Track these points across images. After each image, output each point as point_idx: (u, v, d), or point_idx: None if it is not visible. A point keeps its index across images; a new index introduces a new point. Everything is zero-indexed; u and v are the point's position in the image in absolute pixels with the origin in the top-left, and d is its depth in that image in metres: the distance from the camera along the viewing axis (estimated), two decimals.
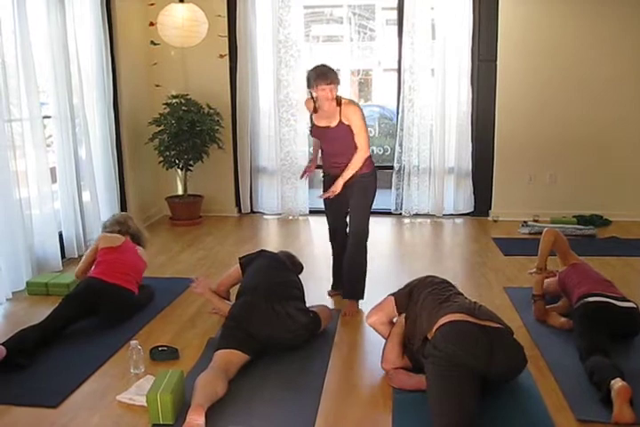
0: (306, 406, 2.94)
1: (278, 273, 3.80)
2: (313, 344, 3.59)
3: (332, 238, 4.48)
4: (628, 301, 3.63)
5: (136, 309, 4.09)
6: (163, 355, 3.40)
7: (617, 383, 2.82)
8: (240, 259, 4.03)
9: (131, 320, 3.96)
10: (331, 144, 4.19)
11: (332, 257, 4.51)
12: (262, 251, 4.08)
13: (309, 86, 4.07)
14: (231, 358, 3.16)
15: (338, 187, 4.07)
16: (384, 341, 3.36)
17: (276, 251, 4.22)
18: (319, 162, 4.46)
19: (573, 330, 3.55)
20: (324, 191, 4.30)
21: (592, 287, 3.67)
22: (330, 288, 4.52)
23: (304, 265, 4.27)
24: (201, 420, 2.61)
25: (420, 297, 3.24)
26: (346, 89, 8.88)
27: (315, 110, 4.19)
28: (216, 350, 3.22)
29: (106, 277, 3.99)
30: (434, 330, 2.94)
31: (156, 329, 3.87)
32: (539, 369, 3.29)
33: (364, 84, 9.24)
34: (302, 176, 4.53)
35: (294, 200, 6.92)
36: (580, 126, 6.58)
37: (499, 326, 2.96)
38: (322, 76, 3.97)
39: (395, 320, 3.38)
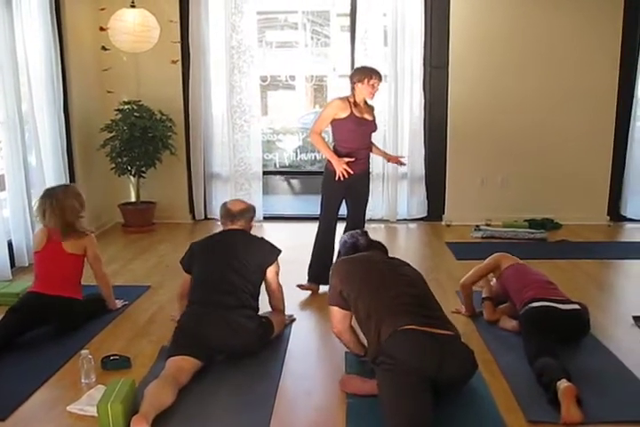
0: (260, 411, 2.93)
1: (223, 273, 3.59)
2: (267, 350, 3.58)
3: (330, 229, 4.75)
4: (572, 303, 3.70)
5: (84, 316, 3.99)
6: (114, 364, 3.35)
7: (563, 384, 2.87)
8: (181, 263, 3.83)
9: (82, 329, 3.89)
10: (362, 137, 4.65)
11: (318, 249, 4.76)
12: (192, 245, 3.85)
13: (358, 81, 4.54)
14: (182, 364, 3.14)
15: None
16: (338, 346, 3.37)
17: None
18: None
19: (521, 334, 3.62)
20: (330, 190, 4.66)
21: (535, 293, 3.71)
22: (307, 282, 4.68)
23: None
24: None
25: (356, 294, 3.15)
26: (301, 95, 8.89)
27: (354, 104, 4.58)
28: (167, 358, 3.20)
29: (43, 289, 3.87)
30: (385, 337, 2.91)
31: (109, 338, 3.82)
32: (491, 372, 3.33)
33: (319, 90, 9.26)
34: (342, 177, 4.55)
35: None
36: (531, 131, 6.70)
37: (449, 333, 2.95)
38: (374, 72, 4.57)
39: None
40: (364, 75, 4.54)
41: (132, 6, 6.10)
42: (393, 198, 6.84)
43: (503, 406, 2.98)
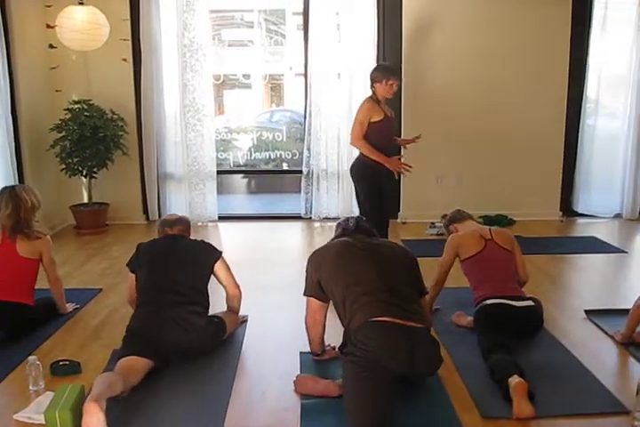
0: (213, 413, 2.90)
1: (169, 272, 3.56)
2: (221, 351, 3.56)
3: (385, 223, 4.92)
4: (526, 299, 3.73)
5: (35, 323, 3.90)
6: (64, 369, 3.27)
7: (514, 380, 2.90)
8: (127, 266, 3.77)
9: (32, 334, 3.80)
10: (391, 134, 4.97)
11: None
12: (139, 245, 3.80)
13: (378, 81, 4.72)
14: (133, 364, 3.09)
15: None
16: (292, 347, 3.34)
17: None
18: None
19: (476, 331, 3.64)
20: (374, 187, 4.81)
21: (490, 291, 3.73)
22: None
23: None
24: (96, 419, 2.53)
25: (331, 281, 3.12)
26: (258, 94, 8.84)
27: (379, 103, 4.76)
28: (118, 360, 3.14)
29: None
30: (355, 327, 2.87)
31: (59, 343, 3.74)
32: (446, 369, 3.32)
33: (276, 89, 9.23)
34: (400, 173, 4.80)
35: (203, 206, 6.84)
36: (484, 128, 6.76)
37: (419, 325, 2.92)
38: (392, 72, 4.80)
39: None
40: (383, 76, 4.72)
41: (81, 3, 5.99)
42: (348, 196, 6.82)
43: (458, 402, 2.99)
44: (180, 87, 6.62)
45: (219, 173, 7.02)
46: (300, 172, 6.93)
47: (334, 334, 3.35)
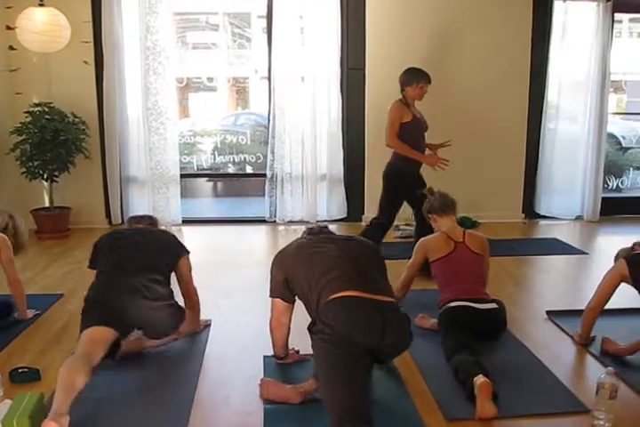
0: (176, 420, 2.86)
1: (129, 253, 3.49)
2: (184, 355, 3.55)
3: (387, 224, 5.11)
4: (490, 301, 3.75)
5: None
6: (23, 377, 3.21)
7: (479, 379, 2.91)
8: (89, 267, 3.66)
9: None
10: (421, 135, 5.10)
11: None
12: (99, 238, 3.72)
13: (408, 84, 4.88)
14: (94, 335, 3.05)
15: None
16: (256, 350, 3.32)
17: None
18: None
19: (440, 333, 3.65)
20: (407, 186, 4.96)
21: (455, 293, 3.74)
22: None
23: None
24: None
25: (296, 274, 3.11)
26: (223, 97, 8.82)
27: (408, 105, 4.90)
28: (81, 333, 3.09)
29: None
30: (323, 303, 2.84)
31: (18, 349, 3.66)
32: (409, 370, 3.35)
33: (241, 92, 9.22)
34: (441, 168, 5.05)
35: (166, 210, 6.77)
36: (448, 131, 6.75)
37: (389, 299, 2.90)
38: (423, 75, 4.90)
39: None
40: (413, 79, 4.88)
41: (41, 5, 5.89)
42: (312, 200, 6.84)
43: (421, 405, 3.00)
44: (143, 90, 6.56)
45: (182, 176, 6.96)
46: (264, 175, 6.90)
47: (298, 338, 3.34)
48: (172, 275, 3.67)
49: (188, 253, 3.76)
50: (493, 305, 3.73)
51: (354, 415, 2.54)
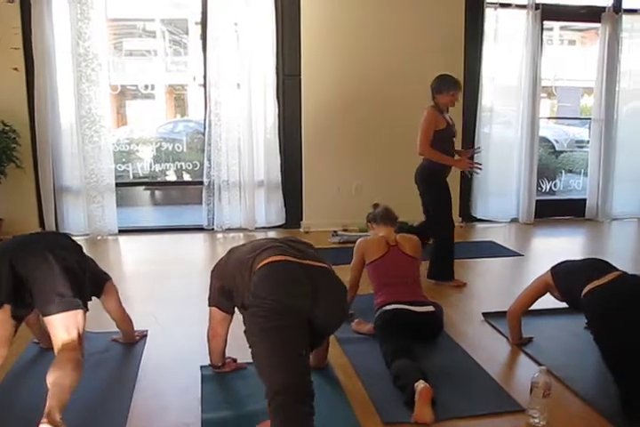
0: None
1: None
2: (120, 366, 3.51)
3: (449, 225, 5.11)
4: (427, 304, 3.79)
5: None
6: None
7: (420, 385, 2.93)
8: None
9: None
10: (452, 141, 5.06)
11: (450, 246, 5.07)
12: None
13: (439, 92, 4.87)
14: None
15: None
16: (193, 360, 3.27)
17: None
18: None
19: (377, 337, 3.67)
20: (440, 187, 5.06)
21: (390, 296, 3.78)
22: (452, 281, 5.00)
23: (116, 287, 3.71)
24: None
25: (230, 274, 3.01)
26: (161, 104, 8.72)
27: (440, 112, 4.91)
28: None
29: None
30: (253, 277, 2.75)
31: None
32: (347, 376, 3.35)
33: (179, 99, 9.14)
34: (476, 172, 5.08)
35: (102, 219, 6.63)
36: (384, 139, 6.87)
37: (321, 264, 2.85)
38: (453, 83, 4.87)
39: None
40: (443, 88, 4.86)
41: None
42: (250, 206, 6.80)
43: (359, 409, 3.00)
44: (76, 97, 6.42)
45: (118, 185, 6.83)
46: (201, 183, 6.84)
47: (235, 347, 3.31)
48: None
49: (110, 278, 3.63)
50: (430, 308, 3.77)
51: (293, 391, 2.48)
